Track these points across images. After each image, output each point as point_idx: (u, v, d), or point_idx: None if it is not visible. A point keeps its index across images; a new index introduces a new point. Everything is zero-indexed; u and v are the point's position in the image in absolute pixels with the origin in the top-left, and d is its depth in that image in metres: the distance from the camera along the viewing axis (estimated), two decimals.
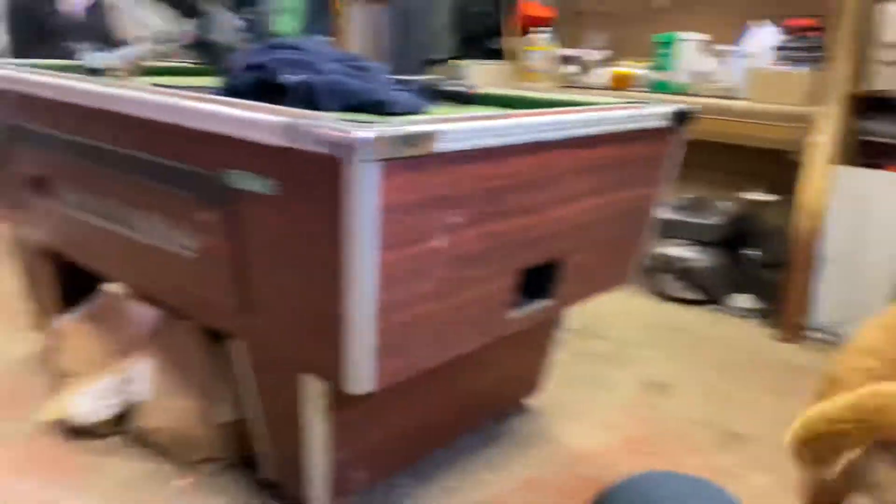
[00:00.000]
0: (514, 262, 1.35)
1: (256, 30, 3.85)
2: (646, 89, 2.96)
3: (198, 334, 1.53)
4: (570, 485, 1.64)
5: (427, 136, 1.09)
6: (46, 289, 1.97)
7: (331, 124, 1.06)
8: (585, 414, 1.96)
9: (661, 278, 2.84)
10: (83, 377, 1.77)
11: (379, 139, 1.02)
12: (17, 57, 3.01)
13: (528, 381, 1.89)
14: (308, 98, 1.47)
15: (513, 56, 3.48)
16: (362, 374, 1.15)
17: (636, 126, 1.49)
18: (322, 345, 1.17)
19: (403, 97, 1.54)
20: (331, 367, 1.18)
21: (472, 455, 1.73)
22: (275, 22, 3.36)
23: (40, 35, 3.20)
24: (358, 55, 1.69)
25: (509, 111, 1.44)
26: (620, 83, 3.05)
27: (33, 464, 1.61)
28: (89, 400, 1.68)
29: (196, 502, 1.52)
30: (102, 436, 1.71)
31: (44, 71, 1.70)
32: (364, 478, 1.48)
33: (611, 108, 1.50)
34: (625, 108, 1.52)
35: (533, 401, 1.97)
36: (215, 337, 1.52)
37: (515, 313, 1.42)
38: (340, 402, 1.33)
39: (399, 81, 1.70)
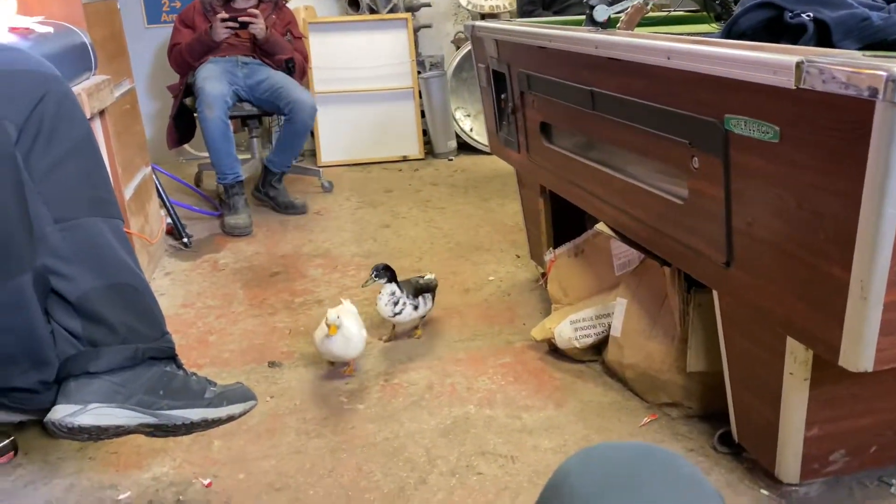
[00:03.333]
0: None
1: None
2: None
3: (677, 280, 1.55)
4: None
5: None
6: (542, 223, 2.23)
7: (854, 61, 0.93)
8: None
9: None
10: (567, 305, 1.97)
11: None
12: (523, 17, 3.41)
13: None
14: (823, 36, 1.32)
15: None
16: (861, 351, 1.01)
17: None
18: (815, 311, 1.07)
19: None
20: (823, 338, 1.07)
21: None
22: None
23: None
24: None
25: None
26: None
27: (523, 372, 1.87)
28: (570, 327, 1.85)
29: (656, 441, 1.57)
30: (578, 361, 1.89)
31: (554, 25, 1.88)
32: (843, 462, 1.33)
33: None
34: None
35: None
36: (696, 285, 1.52)
37: None
38: (825, 374, 1.21)
39: None
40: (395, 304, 1.95)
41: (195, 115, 3.49)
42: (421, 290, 2.04)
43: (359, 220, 3.22)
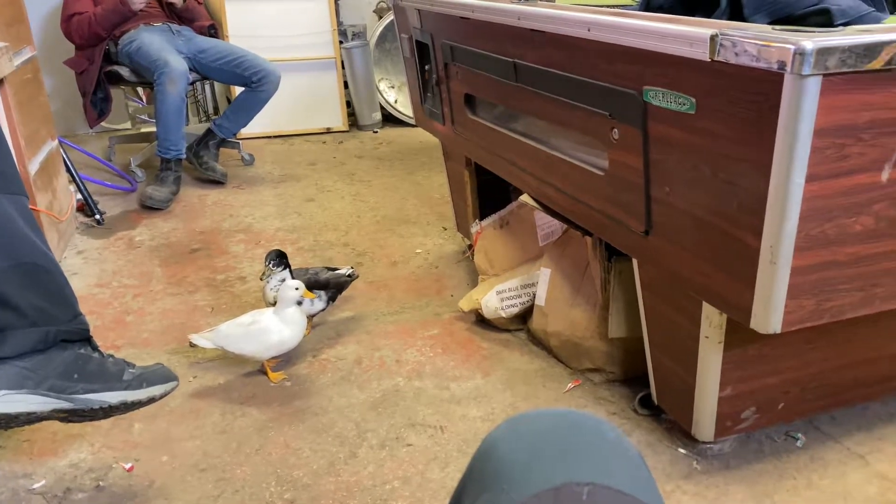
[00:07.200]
0: None
1: None
2: None
3: (598, 250, 1.59)
4: None
5: (887, 48, 0.92)
6: (468, 196, 2.23)
7: (763, 34, 0.96)
8: None
9: None
10: (493, 276, 1.99)
11: (823, 50, 0.90)
12: None
13: None
14: (734, 10, 1.37)
15: None
16: (770, 314, 1.06)
17: None
18: (728, 276, 1.12)
19: (851, 5, 1.33)
20: (735, 301, 1.12)
21: (889, 424, 1.51)
22: None
23: None
24: None
25: None
26: None
27: (451, 343, 1.89)
28: (496, 297, 1.88)
29: (580, 406, 1.61)
30: (505, 330, 1.92)
31: None
32: (754, 419, 1.41)
33: None
34: None
35: None
36: (617, 253, 1.56)
37: None
38: (737, 337, 1.27)
39: None
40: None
41: (123, 87, 3.35)
42: (318, 285, 1.88)
43: (282, 193, 3.15)
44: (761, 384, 1.37)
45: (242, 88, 3.33)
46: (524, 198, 1.87)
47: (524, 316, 1.90)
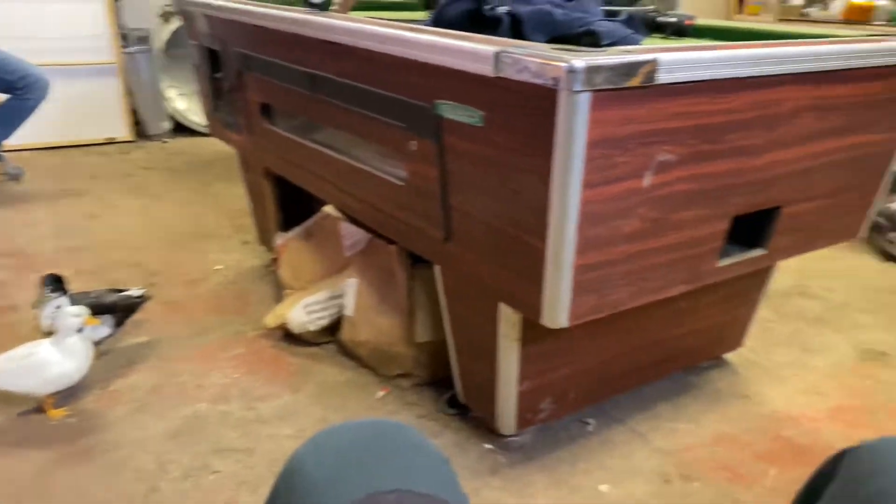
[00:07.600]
0: (725, 207, 1.27)
1: None
2: (885, 23, 2.60)
3: (402, 258, 1.62)
4: (766, 446, 1.55)
5: (643, 67, 1.04)
6: (270, 208, 2.17)
7: (541, 53, 1.04)
8: (789, 377, 1.83)
9: (889, 237, 2.54)
10: (299, 290, 1.95)
11: (591, 69, 0.99)
12: None
13: (729, 335, 1.80)
14: (516, 29, 1.46)
15: None
16: (558, 310, 1.15)
17: (875, 62, 1.31)
18: (520, 278, 1.19)
19: (613, 27, 1.48)
20: (527, 300, 1.19)
21: (663, 402, 1.69)
22: None
23: None
24: None
25: (729, 43, 1.33)
26: (856, 15, 2.71)
27: (257, 361, 1.82)
28: (303, 311, 1.84)
29: (389, 412, 1.63)
30: (314, 343, 1.89)
31: (271, 4, 1.84)
32: (550, 410, 1.51)
33: (844, 42, 1.33)
34: (861, 41, 1.34)
35: (731, 357, 1.88)
36: (419, 260, 1.60)
37: (722, 262, 1.34)
38: (531, 334, 1.36)
39: (609, 12, 1.63)
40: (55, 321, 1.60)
41: None
42: (102, 310, 1.75)
43: (59, 211, 2.86)
44: (555, 376, 1.48)
45: (5, 95, 2.99)
46: (328, 208, 1.86)
47: (333, 328, 1.88)
